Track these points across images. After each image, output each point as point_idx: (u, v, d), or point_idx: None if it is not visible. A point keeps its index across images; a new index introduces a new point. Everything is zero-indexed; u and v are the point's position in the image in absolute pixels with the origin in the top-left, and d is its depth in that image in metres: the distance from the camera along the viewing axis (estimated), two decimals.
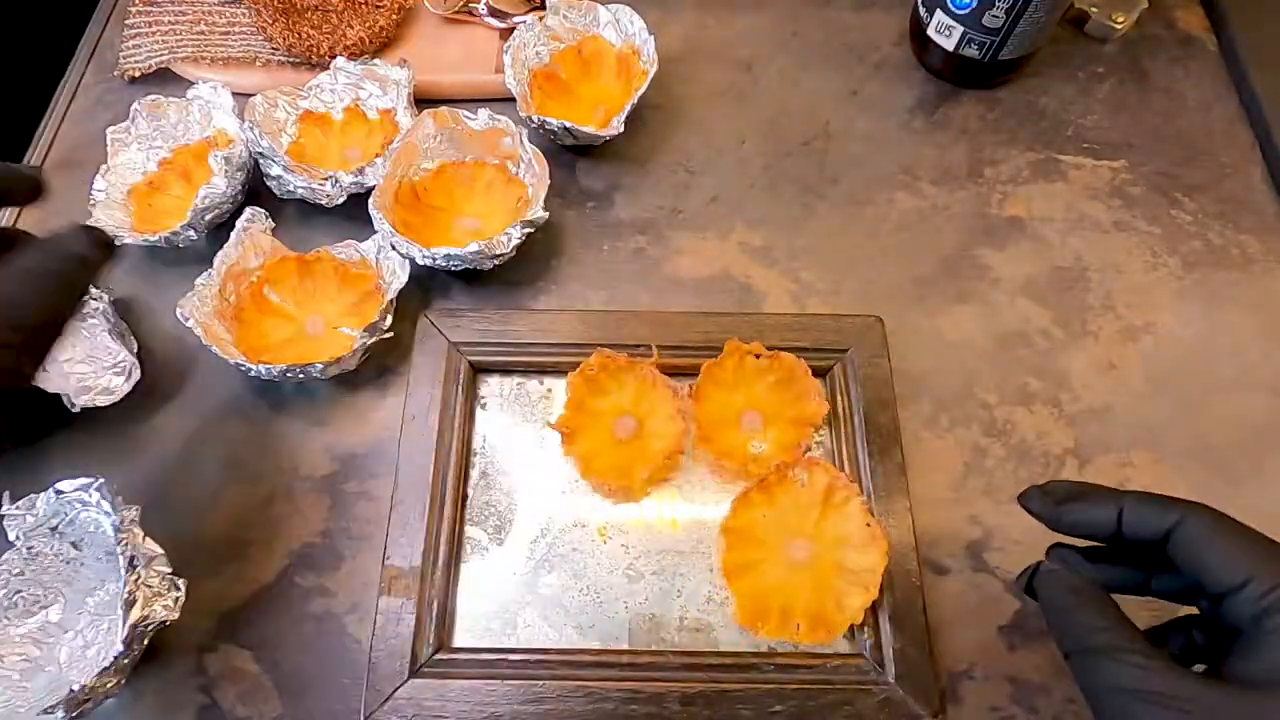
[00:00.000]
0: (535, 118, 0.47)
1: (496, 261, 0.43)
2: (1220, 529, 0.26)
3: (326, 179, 0.45)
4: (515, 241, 0.42)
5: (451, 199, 0.47)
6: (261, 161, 0.45)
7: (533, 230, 0.43)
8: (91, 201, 0.46)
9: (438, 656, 0.36)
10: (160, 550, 0.34)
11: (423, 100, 0.51)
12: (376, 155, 0.46)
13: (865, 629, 0.36)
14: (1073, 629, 0.26)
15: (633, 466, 0.39)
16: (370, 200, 0.43)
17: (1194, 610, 0.29)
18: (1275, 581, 0.24)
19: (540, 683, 0.35)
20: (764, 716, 0.34)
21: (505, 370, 0.43)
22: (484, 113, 0.46)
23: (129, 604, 0.32)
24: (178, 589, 0.34)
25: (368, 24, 0.51)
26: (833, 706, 0.34)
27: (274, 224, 0.44)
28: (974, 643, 0.37)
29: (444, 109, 0.46)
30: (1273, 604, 0.24)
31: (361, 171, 0.45)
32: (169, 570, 0.34)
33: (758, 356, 0.40)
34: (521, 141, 0.45)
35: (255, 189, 0.48)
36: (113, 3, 0.57)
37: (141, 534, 0.34)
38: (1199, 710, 0.23)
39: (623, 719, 0.34)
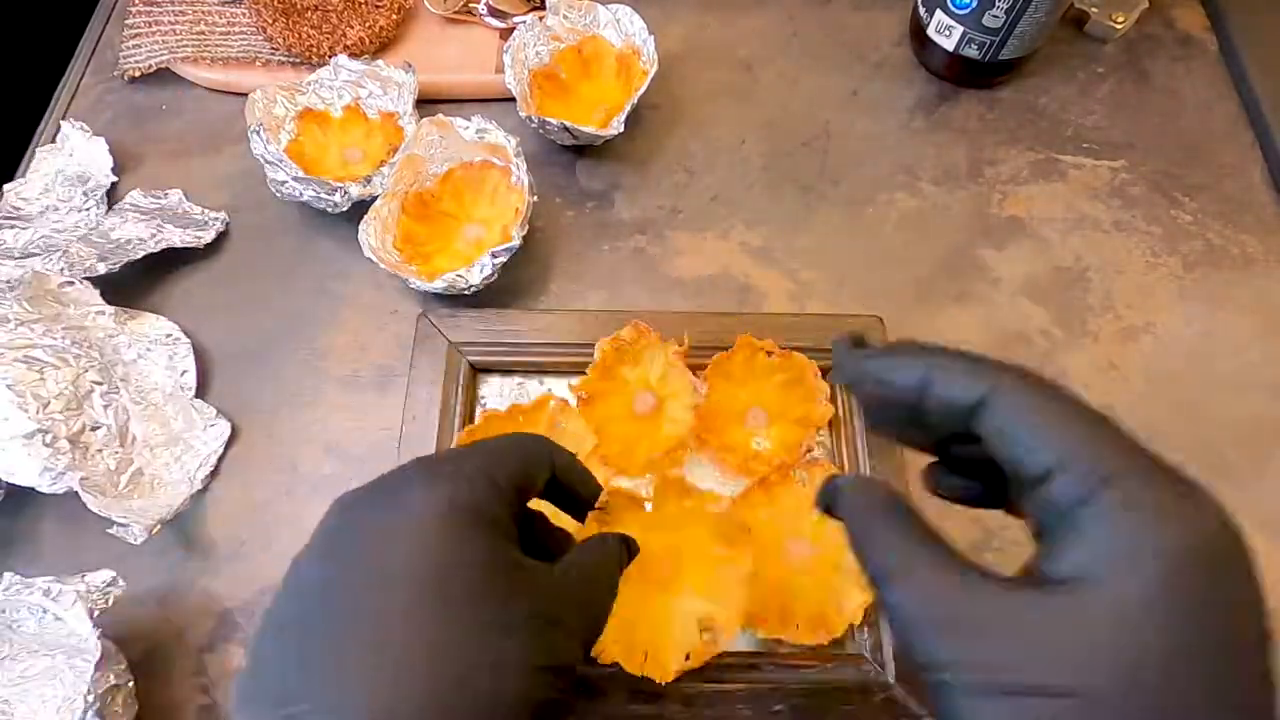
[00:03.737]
0: (535, 118, 0.47)
1: (469, 290, 0.43)
2: (1034, 403, 0.21)
3: (335, 190, 0.44)
4: (485, 274, 0.42)
5: (461, 203, 0.47)
6: (268, 167, 0.45)
7: (506, 259, 0.42)
8: None
9: None
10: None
11: (423, 100, 0.51)
12: (382, 162, 0.46)
13: (865, 629, 0.36)
14: (867, 550, 0.22)
15: (640, 443, 0.39)
16: (363, 228, 0.43)
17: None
18: (1092, 467, 0.19)
19: None
20: (764, 716, 0.34)
21: (505, 370, 0.43)
22: (476, 120, 0.45)
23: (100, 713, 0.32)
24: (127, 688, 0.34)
25: (368, 24, 0.51)
26: (833, 706, 0.34)
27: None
28: None
29: (440, 116, 0.45)
30: (1086, 493, 0.19)
31: (369, 181, 0.45)
32: (123, 667, 0.34)
33: (769, 354, 0.40)
34: (513, 157, 0.44)
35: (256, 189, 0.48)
36: (113, 3, 0.57)
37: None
38: (995, 627, 0.19)
39: (623, 718, 0.34)
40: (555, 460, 0.27)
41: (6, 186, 0.48)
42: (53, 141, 0.50)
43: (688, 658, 0.33)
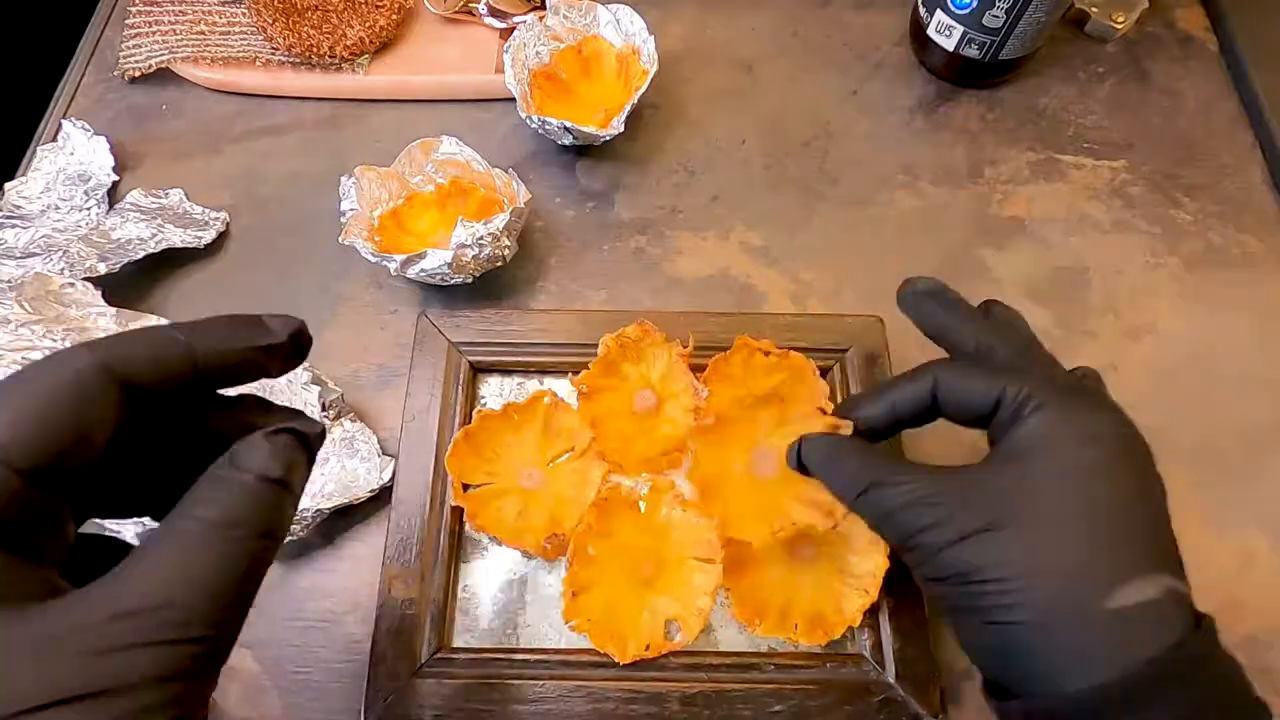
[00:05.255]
0: (535, 118, 0.47)
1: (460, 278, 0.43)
2: (965, 374, 0.29)
3: None
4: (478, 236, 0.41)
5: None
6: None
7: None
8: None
9: (438, 656, 0.36)
10: None
11: (423, 101, 0.51)
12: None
13: (865, 629, 0.36)
14: (843, 481, 0.29)
15: (637, 441, 0.39)
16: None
17: None
18: (1018, 399, 0.27)
19: (540, 683, 0.35)
20: (764, 716, 0.34)
21: (505, 370, 0.43)
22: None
23: None
24: None
25: (368, 24, 0.51)
26: (833, 706, 0.34)
27: None
28: None
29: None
30: (1023, 400, 0.27)
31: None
32: None
33: (767, 354, 0.40)
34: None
35: None
36: (113, 3, 0.57)
37: None
38: (950, 494, 0.26)
39: (623, 719, 0.34)
40: (193, 348, 0.18)
41: (8, 185, 0.48)
42: (53, 141, 0.50)
43: (647, 648, 0.36)
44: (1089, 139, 0.51)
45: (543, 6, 0.51)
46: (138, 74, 0.52)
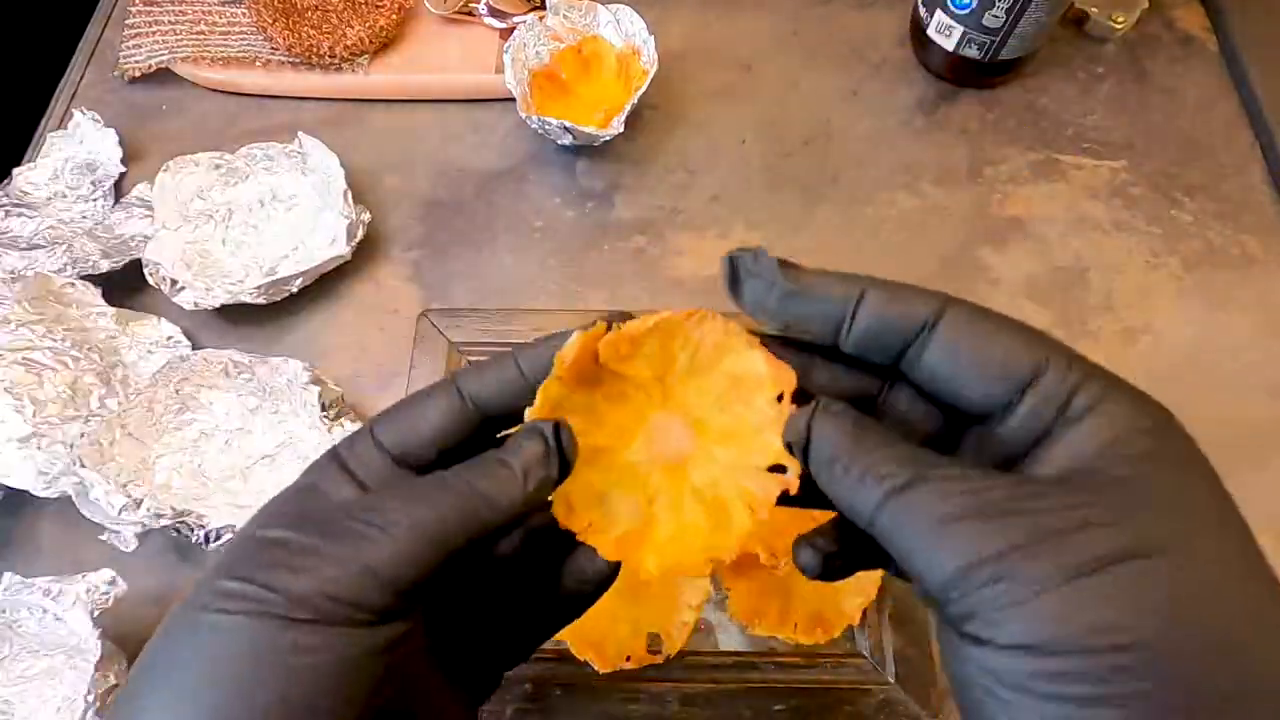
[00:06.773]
0: (535, 118, 0.47)
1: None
2: (990, 322, 0.19)
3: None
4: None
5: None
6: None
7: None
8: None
9: None
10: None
11: (422, 100, 0.51)
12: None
13: (865, 629, 0.36)
14: (863, 466, 0.18)
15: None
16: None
17: None
18: (1065, 375, 0.18)
19: (540, 683, 0.35)
20: (764, 716, 0.34)
21: None
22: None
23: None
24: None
25: (368, 24, 0.51)
26: (833, 706, 0.34)
27: None
28: None
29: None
30: (1063, 403, 0.18)
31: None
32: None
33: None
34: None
35: None
36: (113, 3, 0.57)
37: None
38: (1026, 515, 0.16)
39: (623, 719, 0.34)
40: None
41: (15, 171, 0.48)
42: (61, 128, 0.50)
43: (628, 659, 0.35)
44: (1089, 139, 0.51)
45: (543, 6, 0.51)
46: (138, 74, 0.52)
